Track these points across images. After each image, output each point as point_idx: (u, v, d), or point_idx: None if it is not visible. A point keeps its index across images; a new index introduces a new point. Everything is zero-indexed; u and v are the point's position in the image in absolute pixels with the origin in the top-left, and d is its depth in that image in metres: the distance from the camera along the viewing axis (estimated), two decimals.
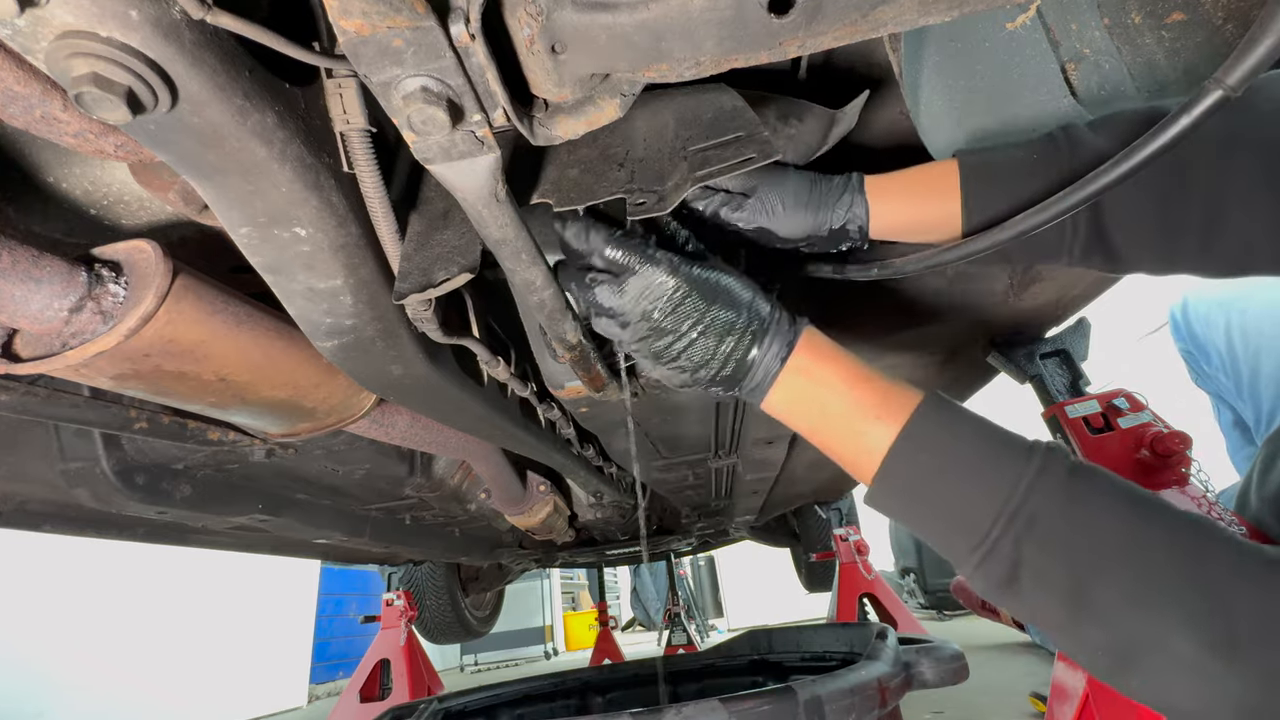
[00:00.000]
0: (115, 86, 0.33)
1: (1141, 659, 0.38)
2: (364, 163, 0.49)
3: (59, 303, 0.52)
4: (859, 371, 0.50)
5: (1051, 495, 0.41)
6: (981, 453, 0.45)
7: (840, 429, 0.50)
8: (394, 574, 3.17)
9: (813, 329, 0.53)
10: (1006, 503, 0.42)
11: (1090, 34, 0.55)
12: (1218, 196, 0.50)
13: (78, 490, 1.00)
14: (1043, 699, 1.60)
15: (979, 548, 0.43)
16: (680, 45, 0.41)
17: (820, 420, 0.51)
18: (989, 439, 0.46)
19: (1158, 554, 0.38)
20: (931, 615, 4.60)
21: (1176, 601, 0.37)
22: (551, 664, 7.04)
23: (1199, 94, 0.39)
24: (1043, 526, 0.41)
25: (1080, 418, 1.09)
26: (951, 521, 0.45)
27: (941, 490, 0.45)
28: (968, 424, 0.47)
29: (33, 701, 2.99)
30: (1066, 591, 0.40)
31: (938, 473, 0.45)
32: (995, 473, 0.43)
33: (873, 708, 0.68)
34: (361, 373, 0.70)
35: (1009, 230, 0.51)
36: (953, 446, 0.45)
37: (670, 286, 0.51)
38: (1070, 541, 0.40)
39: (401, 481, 1.45)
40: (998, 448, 0.45)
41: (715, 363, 0.51)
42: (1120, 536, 0.39)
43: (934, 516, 0.46)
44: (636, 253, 0.52)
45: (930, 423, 0.46)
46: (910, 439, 0.46)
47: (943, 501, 0.45)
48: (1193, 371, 1.64)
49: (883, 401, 0.48)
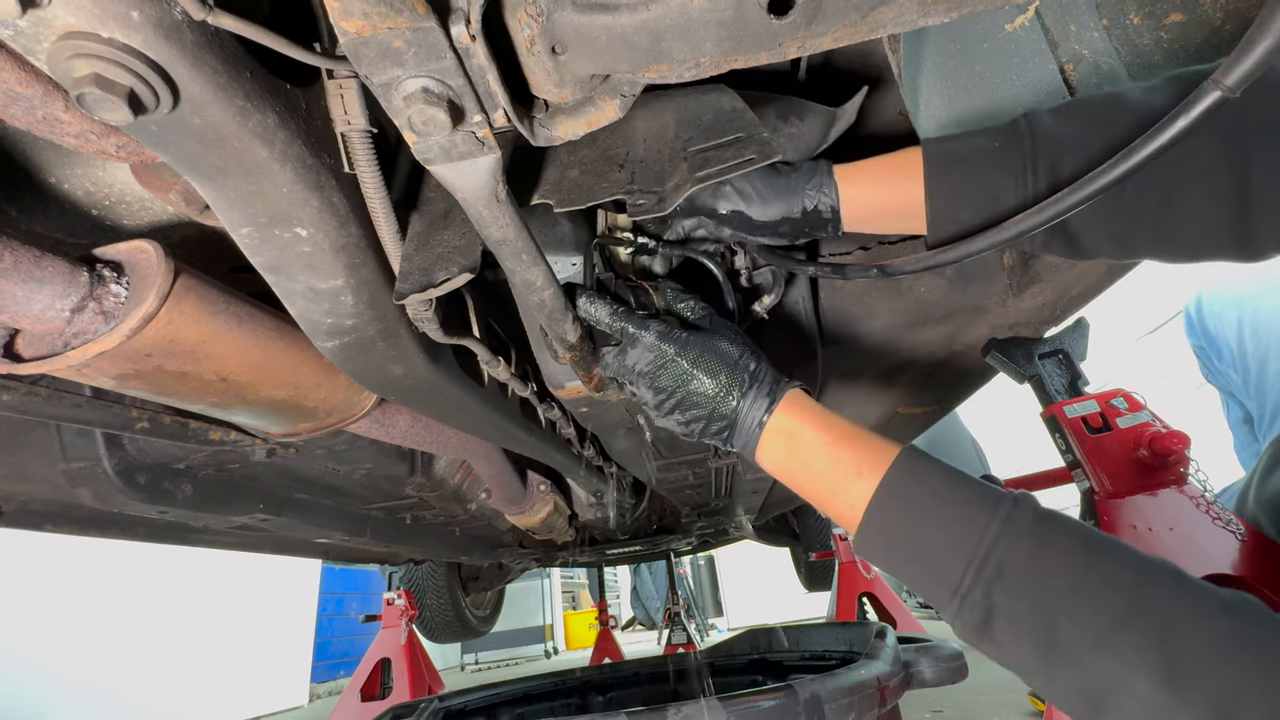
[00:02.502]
0: (117, 87, 0.33)
1: (1108, 699, 0.40)
2: (365, 163, 0.49)
3: (61, 303, 0.52)
4: (842, 430, 0.55)
5: (1017, 543, 0.44)
6: (952, 504, 0.48)
7: (825, 486, 0.54)
8: (395, 573, 3.17)
9: (797, 390, 0.58)
10: (975, 552, 0.45)
11: (1089, 35, 0.55)
12: (1172, 183, 0.50)
13: (79, 490, 1.01)
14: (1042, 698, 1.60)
15: (954, 596, 0.46)
16: (680, 46, 0.41)
17: (806, 477, 0.55)
18: (959, 490, 0.49)
19: (1114, 594, 0.41)
20: (931, 614, 4.61)
21: (1130, 641, 0.39)
22: (552, 663, 7.04)
23: (1197, 94, 0.39)
24: (1010, 574, 0.44)
25: (1079, 417, 1.09)
26: (928, 571, 0.48)
27: (917, 541, 0.48)
28: (940, 477, 0.50)
29: (33, 701, 2.99)
30: (1036, 635, 0.42)
31: (912, 525, 0.49)
32: (965, 524, 0.46)
33: (872, 707, 0.68)
34: (362, 373, 0.70)
35: (1008, 230, 0.51)
36: (925, 500, 0.49)
37: (659, 353, 0.58)
38: (1036, 588, 0.43)
39: (402, 481, 1.45)
40: (968, 499, 0.48)
41: (703, 419, 0.57)
42: (1081, 581, 0.42)
43: (912, 565, 0.49)
44: (631, 323, 0.59)
45: (905, 478, 0.50)
46: (886, 495, 0.50)
47: (919, 552, 0.48)
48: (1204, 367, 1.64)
49: (861, 459, 0.52)
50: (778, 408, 0.56)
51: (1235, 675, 0.37)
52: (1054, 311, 1.12)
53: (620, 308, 0.60)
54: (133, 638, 3.50)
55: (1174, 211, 0.51)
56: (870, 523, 0.50)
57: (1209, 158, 0.49)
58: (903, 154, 0.61)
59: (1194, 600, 0.40)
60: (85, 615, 3.31)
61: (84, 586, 3.34)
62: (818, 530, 3.60)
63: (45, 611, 3.16)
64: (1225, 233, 0.50)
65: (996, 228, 0.52)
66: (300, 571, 4.77)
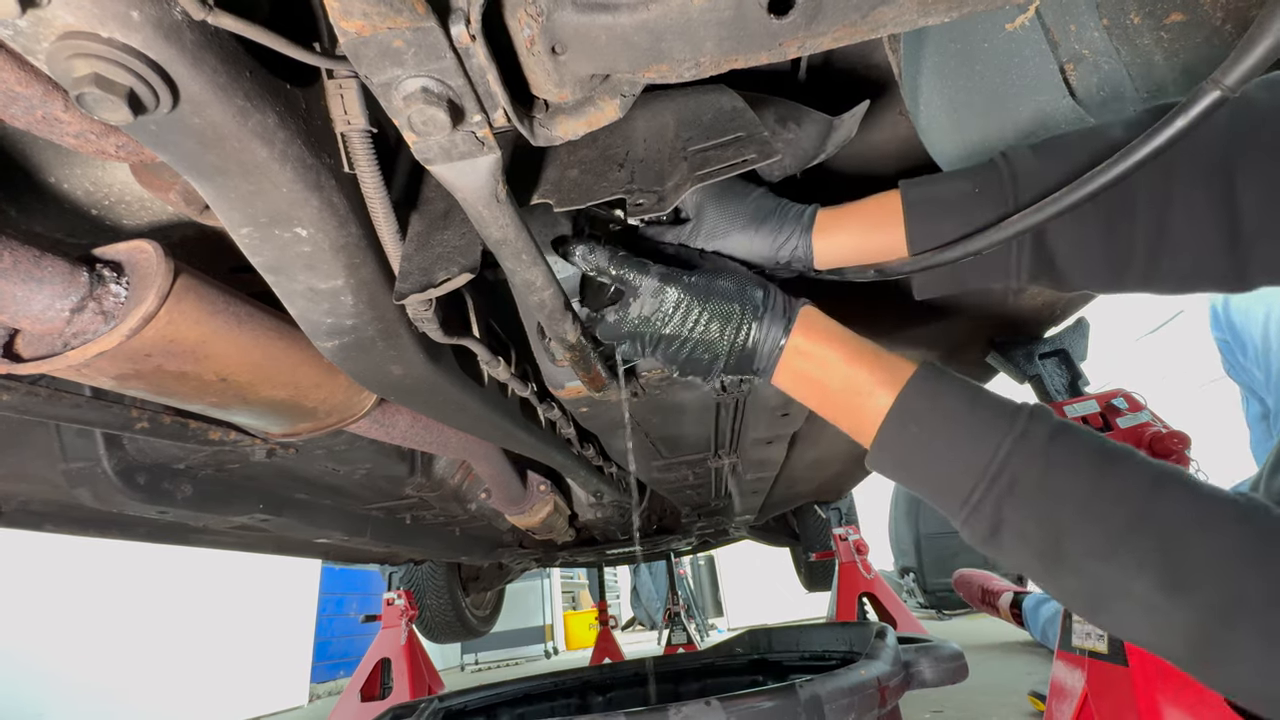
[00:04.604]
0: (117, 87, 0.33)
1: (1108, 603, 0.43)
2: (365, 163, 0.49)
3: (60, 303, 0.52)
4: (856, 347, 0.54)
5: (1030, 459, 0.45)
6: (966, 421, 0.48)
7: (841, 403, 0.54)
8: (395, 573, 3.17)
9: (810, 308, 0.57)
10: (988, 467, 0.46)
11: (1089, 35, 0.55)
12: (1164, 220, 0.50)
13: (79, 490, 1.01)
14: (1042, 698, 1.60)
15: (964, 506, 0.47)
16: (680, 46, 0.41)
17: (823, 396, 0.55)
18: (975, 406, 0.49)
19: (1121, 508, 0.42)
20: (931, 615, 4.60)
21: (1133, 549, 0.41)
22: (552, 663, 7.04)
23: (1196, 93, 0.39)
24: (1021, 488, 0.45)
25: (1079, 418, 1.09)
26: (940, 484, 0.49)
27: (930, 457, 0.49)
28: (956, 394, 0.50)
29: (33, 701, 2.99)
30: (1042, 547, 0.44)
31: (927, 440, 0.49)
32: (978, 440, 0.47)
33: (872, 707, 0.68)
34: (362, 373, 0.70)
35: (1007, 230, 0.51)
36: (939, 418, 0.49)
37: (669, 296, 0.56)
38: (1045, 502, 0.44)
39: (402, 481, 1.45)
40: (982, 414, 0.48)
41: (721, 355, 0.56)
42: (1089, 494, 0.43)
43: (924, 480, 0.51)
44: (633, 267, 0.57)
45: (921, 394, 0.50)
46: (902, 410, 0.50)
47: (931, 467, 0.50)
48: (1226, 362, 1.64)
49: (877, 375, 0.52)
50: (793, 328, 0.55)
51: (1236, 578, 0.38)
52: (1054, 311, 1.13)
53: (620, 252, 0.58)
54: (132, 638, 3.50)
55: (1166, 248, 0.51)
56: (884, 439, 0.51)
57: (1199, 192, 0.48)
58: (883, 200, 0.61)
59: (1204, 509, 0.41)
60: (85, 615, 3.31)
61: (83, 586, 3.34)
62: (818, 530, 3.60)
63: (44, 611, 3.16)
64: (1217, 267, 0.50)
65: (996, 227, 0.52)
66: (300, 571, 4.77)
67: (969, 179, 0.57)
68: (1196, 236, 0.49)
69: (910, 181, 0.60)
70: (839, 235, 0.62)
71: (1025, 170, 0.54)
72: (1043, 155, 0.54)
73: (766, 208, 0.63)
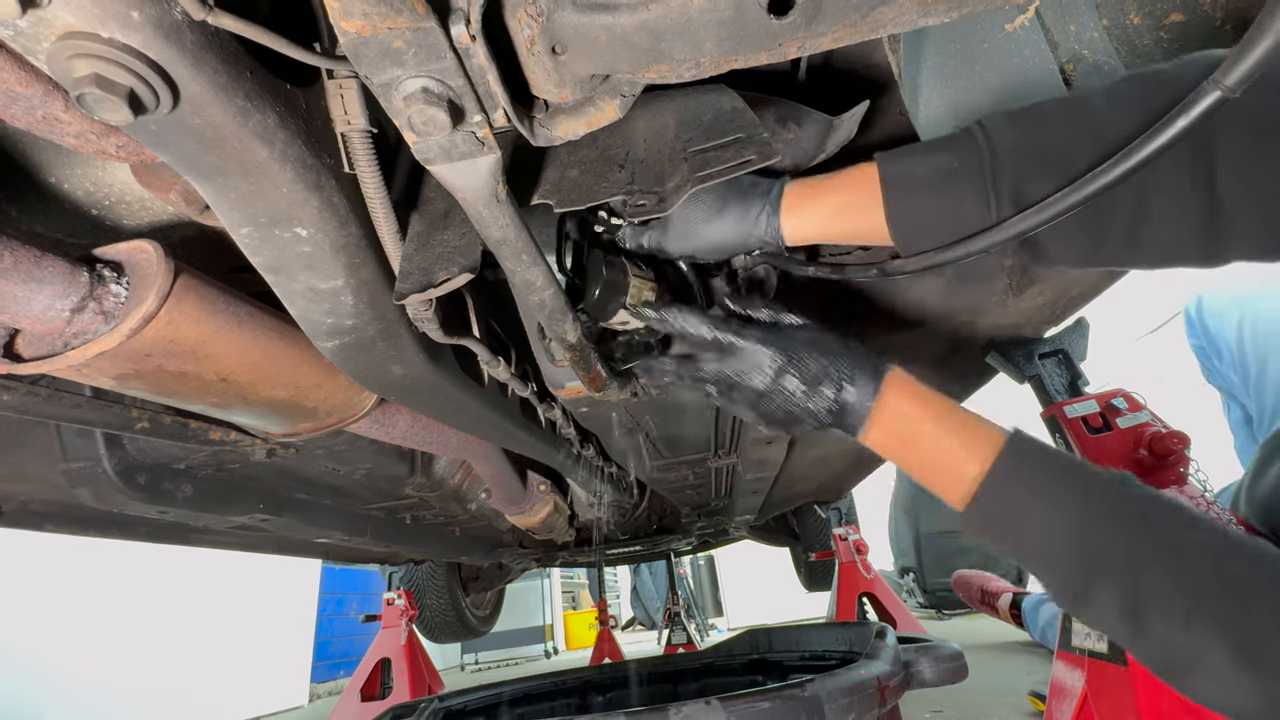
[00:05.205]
0: (117, 87, 0.33)
1: (1189, 672, 0.45)
2: (365, 163, 0.49)
3: (61, 303, 0.52)
4: (944, 413, 0.56)
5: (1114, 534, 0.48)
6: (1052, 497, 0.51)
7: (930, 468, 0.56)
8: (395, 573, 3.17)
9: (898, 371, 0.59)
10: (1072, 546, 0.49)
11: (1089, 35, 0.55)
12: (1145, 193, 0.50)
13: (79, 490, 1.01)
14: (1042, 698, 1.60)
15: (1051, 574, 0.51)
16: (680, 46, 0.41)
17: (911, 458, 0.57)
18: (1063, 480, 0.51)
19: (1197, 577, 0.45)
20: (931, 614, 4.60)
21: (1211, 617, 0.43)
22: (552, 663, 7.04)
23: (1197, 94, 0.39)
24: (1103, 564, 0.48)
25: (1079, 418, 1.09)
26: (1027, 554, 0.52)
27: (1017, 532, 0.52)
28: (1042, 469, 0.52)
29: (33, 701, 2.99)
30: (1125, 614, 0.47)
31: (1012, 517, 0.52)
32: (1066, 513, 0.50)
33: (872, 707, 0.68)
34: (362, 373, 0.70)
35: (1007, 230, 0.51)
36: (1027, 493, 0.51)
37: (763, 358, 0.57)
38: (1129, 577, 0.47)
39: (402, 481, 1.45)
40: (1070, 487, 0.50)
41: (809, 413, 0.58)
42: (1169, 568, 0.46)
43: (1013, 550, 0.53)
44: (733, 332, 0.58)
45: (1008, 473, 0.52)
46: (989, 486, 0.52)
47: (1019, 540, 0.52)
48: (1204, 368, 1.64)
49: (965, 443, 0.54)
50: (883, 390, 0.57)
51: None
52: (1054, 311, 1.13)
53: (716, 314, 0.60)
54: (132, 638, 3.50)
55: (1146, 221, 0.50)
56: (972, 514, 0.53)
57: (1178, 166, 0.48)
58: (858, 174, 0.59)
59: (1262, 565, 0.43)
60: (85, 615, 3.31)
61: (83, 586, 3.34)
62: (817, 530, 3.60)
63: (45, 611, 3.16)
64: (1194, 241, 0.50)
65: (997, 227, 0.52)
66: (300, 571, 4.77)
67: (948, 152, 0.56)
68: (1175, 212, 0.49)
69: (888, 156, 0.58)
70: (810, 213, 0.60)
71: (1003, 146, 0.53)
72: (1020, 125, 0.53)
73: (732, 188, 0.61)
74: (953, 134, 0.57)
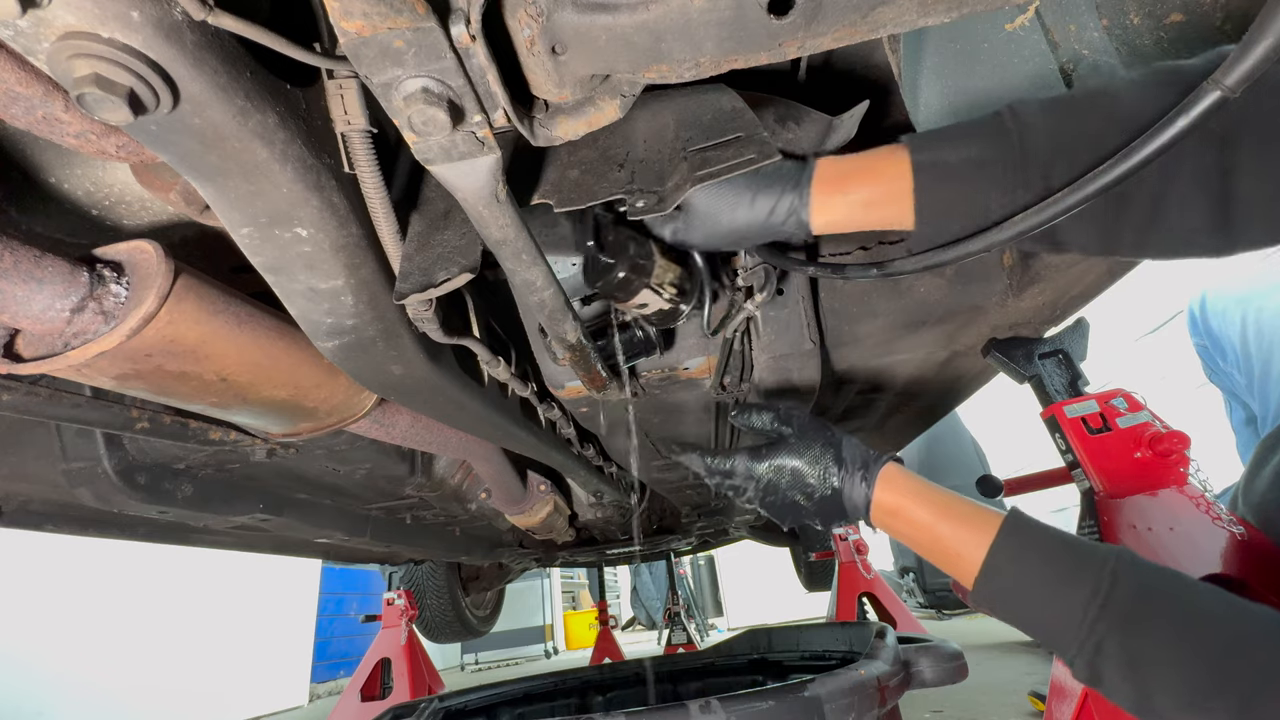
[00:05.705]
0: (117, 87, 0.33)
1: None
2: (365, 163, 0.49)
3: (61, 303, 0.52)
4: (938, 504, 0.62)
5: (1114, 626, 0.50)
6: (1051, 581, 0.54)
7: (934, 554, 0.62)
8: (395, 573, 3.17)
9: (892, 466, 0.65)
10: (1076, 630, 0.51)
11: (1089, 35, 0.55)
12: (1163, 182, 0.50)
13: (80, 490, 1.01)
14: (1041, 698, 1.60)
15: (1064, 653, 0.53)
16: (680, 46, 0.41)
17: (915, 544, 0.63)
18: (1058, 563, 0.54)
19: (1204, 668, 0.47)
20: (931, 614, 4.61)
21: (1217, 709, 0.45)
22: (552, 663, 7.04)
23: (1197, 94, 0.39)
24: (1109, 651, 0.50)
25: (1079, 418, 1.09)
26: (1037, 633, 0.56)
27: (1024, 611, 0.56)
28: (1039, 549, 0.56)
29: (33, 701, 2.99)
30: (1135, 700, 0.50)
31: (1015, 597, 0.56)
32: (1065, 604, 0.53)
33: (872, 707, 0.68)
34: (362, 373, 0.70)
35: (1008, 230, 0.51)
36: (1026, 576, 0.55)
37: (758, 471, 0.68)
38: (1132, 667, 0.49)
39: (402, 481, 1.45)
40: (1065, 577, 0.53)
41: (805, 510, 0.67)
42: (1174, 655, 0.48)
43: (1027, 627, 0.57)
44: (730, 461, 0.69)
45: (1006, 556, 0.56)
46: (989, 570, 0.57)
47: (1028, 621, 0.56)
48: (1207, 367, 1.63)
49: (961, 533, 0.59)
50: (876, 487, 0.64)
51: None
52: (1054, 311, 1.12)
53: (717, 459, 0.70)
54: (133, 638, 3.50)
55: (1164, 210, 0.50)
56: (979, 593, 0.58)
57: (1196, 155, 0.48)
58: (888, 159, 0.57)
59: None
60: (85, 615, 3.31)
61: (84, 587, 3.34)
62: (817, 530, 3.59)
63: (45, 611, 3.16)
64: (1209, 230, 0.50)
65: (997, 227, 0.52)
66: (300, 571, 4.77)
67: (979, 142, 0.54)
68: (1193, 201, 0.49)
69: (918, 143, 0.57)
70: (839, 206, 0.59)
71: (1033, 139, 0.52)
72: (1051, 115, 0.52)
73: (757, 178, 0.60)
74: (983, 118, 0.55)
